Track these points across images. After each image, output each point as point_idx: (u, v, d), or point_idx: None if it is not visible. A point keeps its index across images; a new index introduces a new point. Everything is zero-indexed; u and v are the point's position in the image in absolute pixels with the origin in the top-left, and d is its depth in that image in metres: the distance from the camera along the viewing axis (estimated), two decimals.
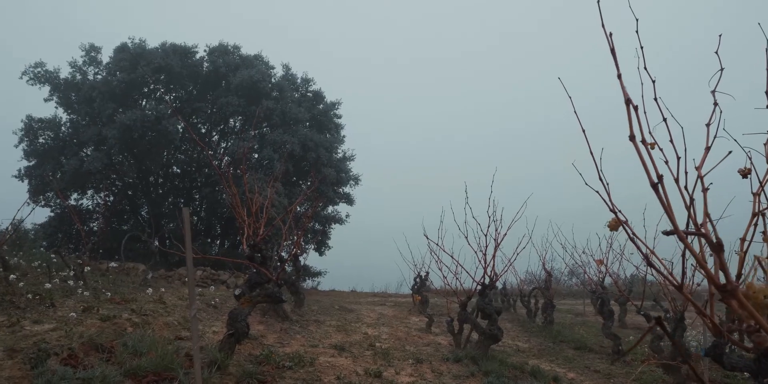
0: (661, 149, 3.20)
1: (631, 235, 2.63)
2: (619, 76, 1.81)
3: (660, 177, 1.86)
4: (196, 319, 5.69)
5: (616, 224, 3.53)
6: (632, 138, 1.83)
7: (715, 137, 2.32)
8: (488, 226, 9.34)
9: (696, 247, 2.70)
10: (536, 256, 15.90)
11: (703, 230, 1.94)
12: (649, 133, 3.23)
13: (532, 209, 10.10)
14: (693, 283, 8.86)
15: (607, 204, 3.56)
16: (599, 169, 2.84)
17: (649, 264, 2.39)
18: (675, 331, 8.90)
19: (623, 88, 1.77)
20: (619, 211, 3.66)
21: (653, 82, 3.13)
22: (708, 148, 2.21)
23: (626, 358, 11.05)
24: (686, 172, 2.87)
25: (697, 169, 2.14)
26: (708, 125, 2.27)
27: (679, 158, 3.07)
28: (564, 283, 30.89)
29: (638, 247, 2.55)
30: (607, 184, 3.67)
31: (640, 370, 9.19)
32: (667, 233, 1.76)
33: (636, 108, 1.88)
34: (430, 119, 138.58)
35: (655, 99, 3.13)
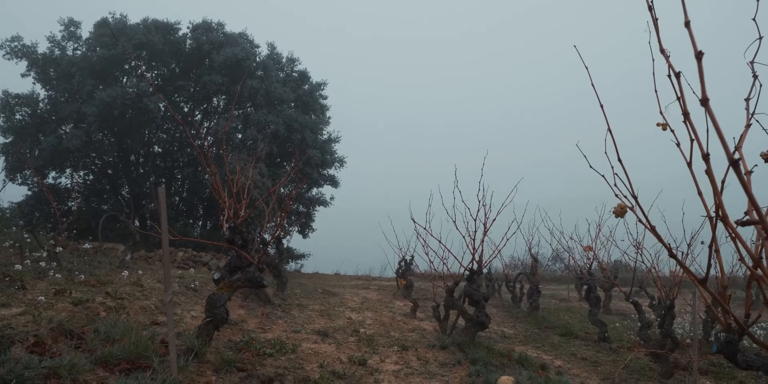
0: (672, 130, 2.94)
1: (648, 226, 2.37)
2: (687, 24, 1.53)
3: (699, 154, 1.59)
4: (172, 304, 5.41)
5: (622, 210, 3.27)
6: (705, 101, 1.55)
7: (753, 114, 2.05)
8: (478, 211, 9.10)
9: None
10: (522, 240, 15.74)
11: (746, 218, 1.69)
12: (660, 113, 2.97)
13: (524, 196, 9.88)
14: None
15: (612, 189, 3.31)
16: (616, 149, 2.59)
17: (672, 256, 2.16)
18: (664, 319, 8.75)
19: (692, 38, 1.50)
20: (626, 197, 3.41)
21: (667, 57, 2.87)
22: (748, 126, 1.94)
23: (612, 345, 10.94)
24: (708, 154, 2.61)
25: (737, 149, 1.88)
26: (747, 100, 2.00)
27: (692, 140, 2.82)
28: (548, 268, 30.91)
29: (660, 239, 2.28)
30: (612, 166, 3.42)
31: (630, 358, 9.04)
32: (745, 223, 1.49)
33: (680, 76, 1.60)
34: (424, 106, 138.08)
35: (669, 76, 2.87)
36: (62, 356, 4.96)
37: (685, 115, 1.64)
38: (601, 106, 2.41)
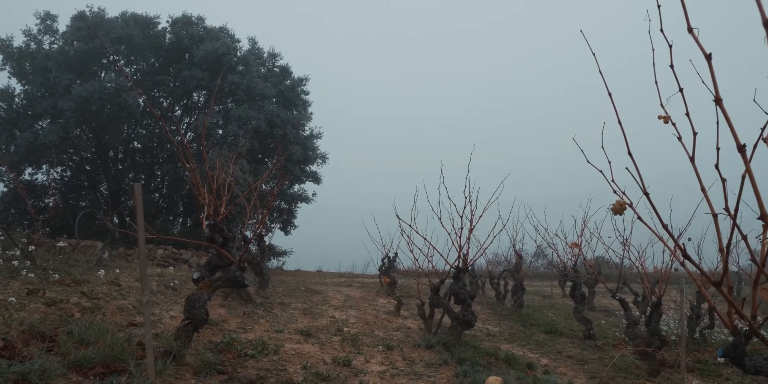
0: (673, 124, 2.79)
1: (660, 227, 2.22)
2: None
3: None
4: (149, 305, 5.19)
5: (621, 207, 3.12)
6: None
7: None
8: (464, 207, 8.96)
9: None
10: (506, 236, 15.66)
11: None
12: (661, 106, 2.82)
13: (510, 192, 9.76)
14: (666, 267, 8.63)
15: (610, 184, 3.16)
16: (626, 141, 2.44)
17: (686, 257, 2.02)
18: (651, 317, 8.68)
19: (760, 6, 1.33)
20: (624, 193, 3.26)
21: (670, 46, 2.72)
22: None
23: (597, 343, 10.89)
24: (718, 148, 2.47)
25: (765, 141, 1.72)
26: None
27: (695, 134, 2.67)
28: (530, 265, 30.97)
29: (674, 239, 2.13)
30: (609, 162, 3.28)
31: (617, 357, 8.95)
32: None
33: None
34: (412, 100, 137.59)
35: (671, 66, 2.72)
36: (33, 360, 4.74)
37: (718, 101, 1.48)
38: (609, 94, 2.26)
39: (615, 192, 3.14)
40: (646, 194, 2.20)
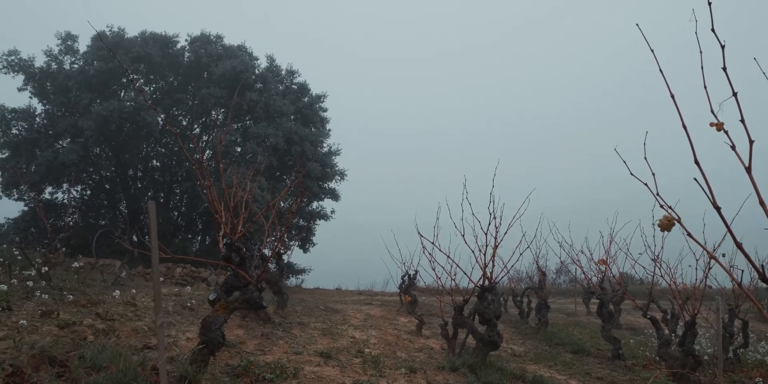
0: (726, 132, 2.56)
1: (735, 243, 1.98)
2: None
3: None
4: (163, 328, 4.98)
5: (669, 223, 2.86)
6: None
7: None
8: (489, 224, 8.67)
9: None
10: (529, 252, 15.31)
11: None
12: (712, 112, 2.58)
13: (531, 205, 9.47)
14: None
15: (656, 199, 2.92)
16: (692, 148, 2.21)
17: (765, 280, 1.79)
18: (685, 337, 8.33)
19: None
20: (670, 208, 3.01)
21: (722, 47, 2.50)
22: None
23: (627, 363, 10.51)
24: None
25: None
26: None
27: (752, 142, 2.44)
28: (553, 281, 30.44)
29: (750, 260, 1.88)
30: (653, 173, 3.04)
31: (651, 380, 8.58)
32: None
33: None
34: (427, 115, 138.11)
35: (724, 68, 2.49)
36: None
37: None
38: (672, 95, 2.03)
39: (662, 206, 2.89)
40: (717, 208, 1.95)
